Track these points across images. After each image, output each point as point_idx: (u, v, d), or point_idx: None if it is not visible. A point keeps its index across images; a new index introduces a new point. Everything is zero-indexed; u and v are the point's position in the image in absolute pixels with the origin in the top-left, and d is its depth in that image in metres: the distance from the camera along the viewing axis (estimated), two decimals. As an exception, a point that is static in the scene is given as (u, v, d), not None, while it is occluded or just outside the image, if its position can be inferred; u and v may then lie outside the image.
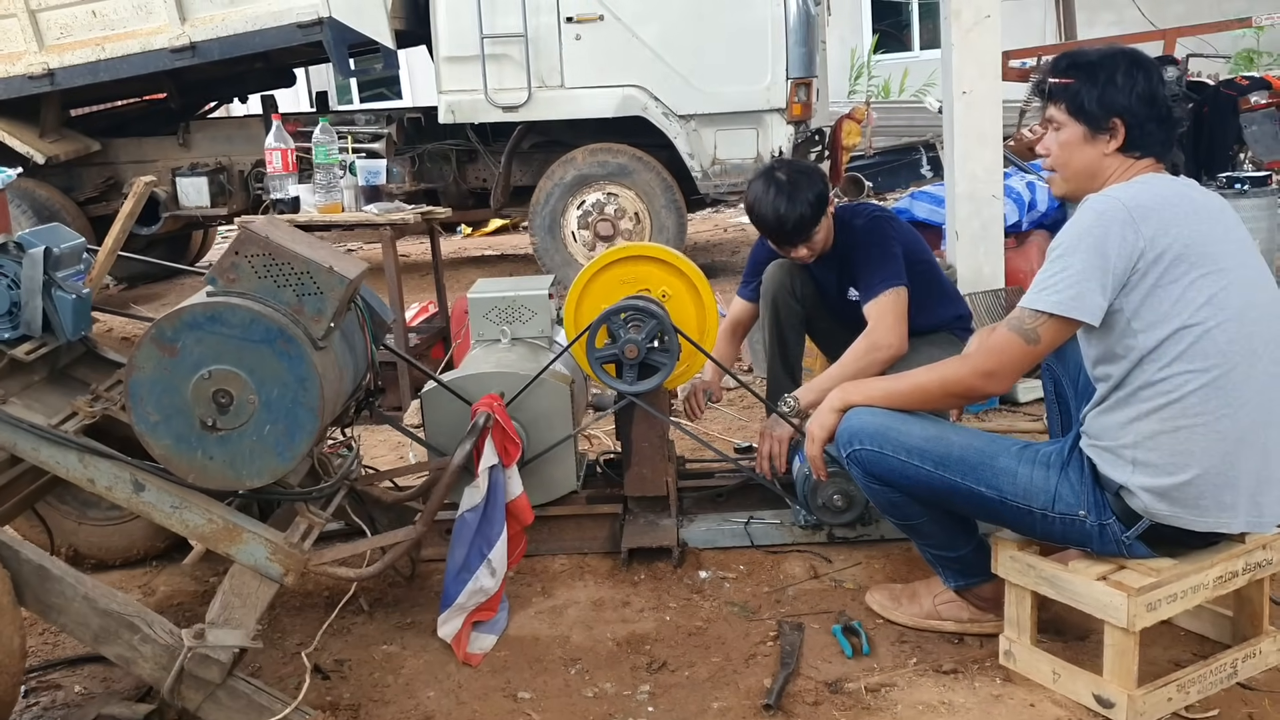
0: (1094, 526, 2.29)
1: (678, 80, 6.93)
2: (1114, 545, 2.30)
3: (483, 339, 3.39)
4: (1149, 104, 2.22)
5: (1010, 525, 2.44)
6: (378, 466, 3.99)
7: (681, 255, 3.22)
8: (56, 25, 7.24)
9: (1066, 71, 2.29)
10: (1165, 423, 2.17)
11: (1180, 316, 2.13)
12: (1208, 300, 2.14)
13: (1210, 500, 2.19)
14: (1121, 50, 2.31)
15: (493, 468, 2.67)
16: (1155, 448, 2.18)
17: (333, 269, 2.37)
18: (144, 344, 2.29)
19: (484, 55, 6.96)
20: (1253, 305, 2.18)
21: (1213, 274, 2.15)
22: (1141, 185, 2.21)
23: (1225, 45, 11.49)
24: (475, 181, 7.88)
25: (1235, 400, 2.16)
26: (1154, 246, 2.12)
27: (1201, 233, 2.17)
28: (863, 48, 14.96)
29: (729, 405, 4.67)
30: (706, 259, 8.58)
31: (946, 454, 2.39)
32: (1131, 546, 2.29)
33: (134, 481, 2.40)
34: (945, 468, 2.39)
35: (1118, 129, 2.24)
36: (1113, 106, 2.23)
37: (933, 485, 2.41)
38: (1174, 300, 2.13)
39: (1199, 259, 2.14)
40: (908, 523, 2.56)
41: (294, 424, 2.34)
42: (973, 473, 2.37)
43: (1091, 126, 2.26)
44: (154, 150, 7.98)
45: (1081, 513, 2.29)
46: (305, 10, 6.90)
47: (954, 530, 2.55)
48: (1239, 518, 2.22)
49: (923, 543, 2.62)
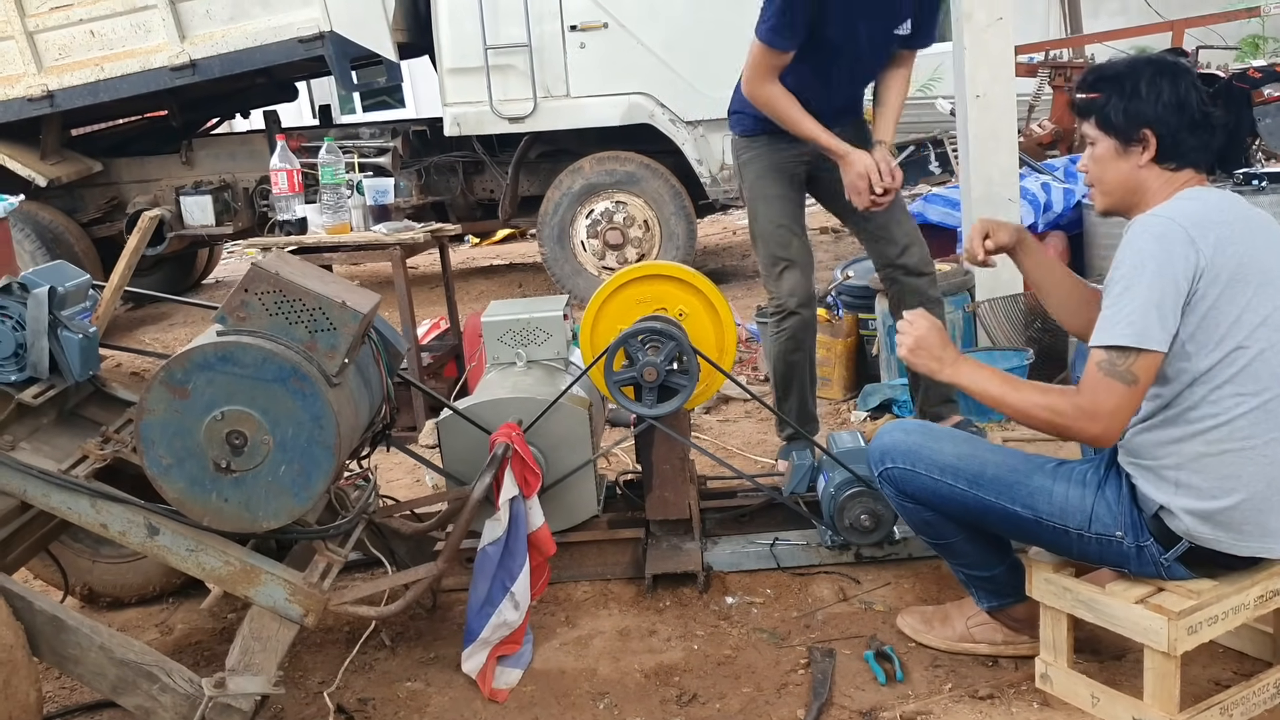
0: (1131, 548, 2.23)
1: (684, 86, 6.88)
2: (1152, 567, 2.23)
3: (498, 362, 3.34)
4: (1178, 112, 2.14)
5: (1046, 545, 2.38)
6: (395, 490, 3.96)
7: (697, 273, 3.17)
8: (55, 46, 7.19)
9: (1094, 86, 2.23)
10: (1212, 445, 2.10)
11: (1235, 338, 2.07)
12: (1263, 321, 2.07)
13: (1254, 525, 2.13)
14: (1148, 59, 2.24)
15: (513, 499, 2.61)
16: (1200, 470, 2.12)
17: (345, 304, 2.31)
18: (154, 386, 2.24)
19: (488, 66, 6.91)
20: None
21: (1267, 291, 2.08)
22: (1193, 200, 2.13)
23: (1230, 32, 11.39)
24: (483, 192, 7.83)
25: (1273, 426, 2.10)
26: (1214, 265, 2.05)
27: (1257, 247, 2.10)
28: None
29: (746, 418, 4.61)
30: (717, 263, 8.53)
31: (980, 472, 2.35)
32: (1170, 568, 2.22)
33: (148, 525, 2.35)
34: (979, 486, 2.34)
35: (1149, 140, 2.16)
36: (1140, 117, 2.16)
37: (966, 504, 2.37)
38: (1231, 321, 2.06)
39: (1255, 275, 2.07)
40: (941, 542, 2.51)
41: (310, 463, 2.29)
42: (1007, 491, 2.32)
43: (1122, 140, 2.19)
44: (157, 169, 7.93)
45: (1118, 533, 2.23)
46: (306, 25, 6.85)
47: (987, 550, 2.50)
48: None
49: (956, 562, 2.57)
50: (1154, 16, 10.53)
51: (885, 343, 4.60)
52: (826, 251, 8.66)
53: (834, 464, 3.07)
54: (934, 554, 3.01)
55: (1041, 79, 8.57)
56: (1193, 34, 8.84)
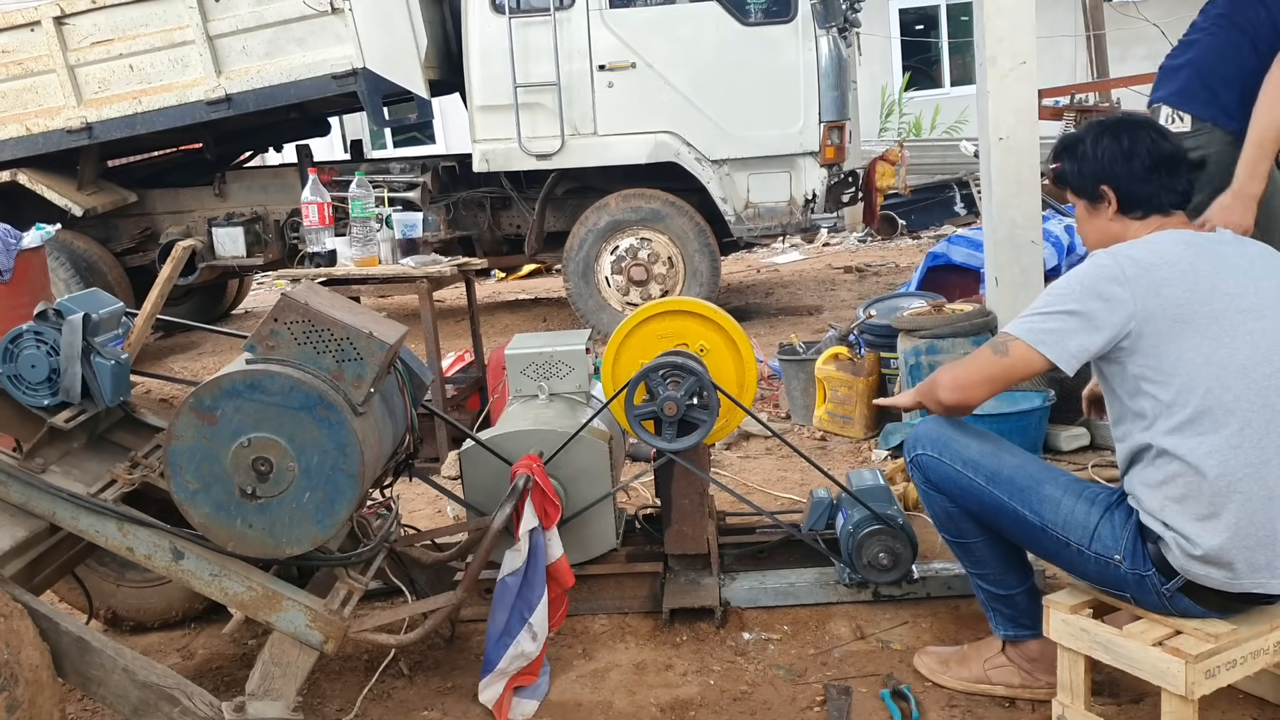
0: (1130, 574, 2.25)
1: (710, 125, 6.95)
2: (1154, 596, 2.24)
3: (520, 394, 3.37)
4: (1126, 163, 2.28)
5: (1048, 555, 2.41)
6: (416, 519, 3.99)
7: (719, 310, 3.20)
8: (95, 80, 7.35)
9: (1057, 156, 2.43)
10: (1187, 488, 2.14)
11: (1179, 378, 2.12)
12: (1206, 360, 2.12)
13: (1244, 562, 2.13)
14: (1099, 122, 2.41)
15: (533, 530, 2.64)
16: (1181, 513, 2.15)
17: (372, 335, 2.36)
18: (183, 412, 2.28)
19: (517, 104, 7.01)
20: (1266, 360, 2.13)
21: (1214, 333, 2.12)
22: (1144, 243, 2.23)
23: None
24: (509, 228, 7.92)
25: (1257, 459, 2.11)
26: (1145, 307, 2.13)
27: (1202, 291, 2.14)
28: (893, 85, 14.98)
29: (767, 455, 4.62)
30: (740, 301, 8.56)
31: (998, 471, 2.40)
32: (1174, 599, 2.22)
33: (173, 549, 2.39)
34: (995, 484, 2.40)
35: (1109, 195, 2.31)
36: (1094, 176, 2.32)
37: (982, 500, 2.42)
38: (1174, 361, 2.13)
39: (1195, 318, 2.13)
40: (962, 541, 2.53)
41: (334, 491, 2.32)
42: (1019, 494, 2.37)
43: (1088, 199, 2.36)
44: (190, 200, 8.06)
45: (1117, 557, 2.25)
46: (340, 61, 6.98)
47: (1007, 562, 2.52)
48: (1277, 578, 2.15)
49: (976, 573, 2.57)
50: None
51: (906, 382, 4.60)
52: (850, 290, 8.70)
53: (853, 501, 3.08)
54: (952, 594, 3.03)
55: (1067, 122, 8.61)
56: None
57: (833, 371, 4.83)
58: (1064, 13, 13.29)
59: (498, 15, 6.97)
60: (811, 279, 9.59)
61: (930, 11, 15.43)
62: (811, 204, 7.05)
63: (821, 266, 10.23)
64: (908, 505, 3.66)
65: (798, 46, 6.80)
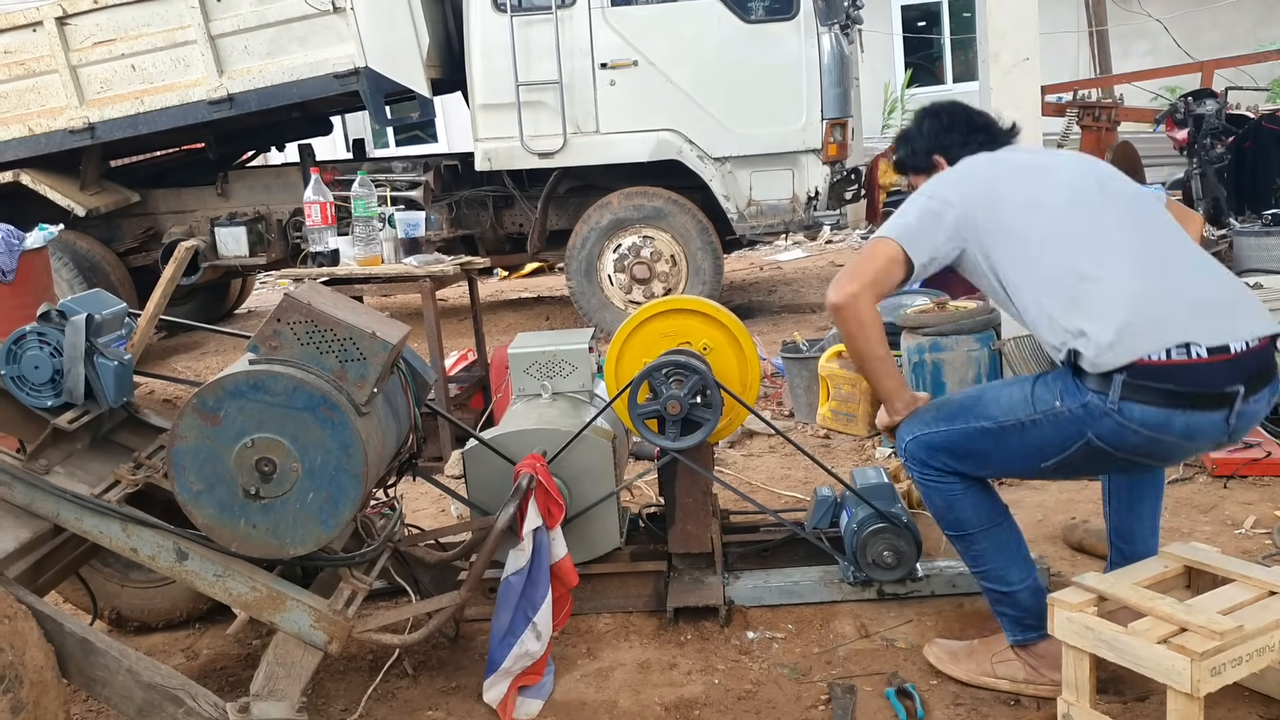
0: (1077, 410, 2.32)
1: (712, 123, 6.94)
2: (1110, 421, 2.29)
3: (523, 394, 3.37)
4: (947, 133, 2.70)
5: (1016, 455, 2.47)
6: (420, 519, 3.99)
7: (722, 308, 3.19)
8: (97, 80, 7.34)
9: (897, 150, 2.84)
10: (1067, 302, 2.34)
11: (1017, 224, 2.43)
12: (1025, 203, 2.44)
13: (1151, 332, 2.26)
14: (919, 110, 2.85)
15: (537, 530, 2.63)
16: (1075, 324, 2.31)
17: (375, 334, 2.35)
18: (186, 413, 2.28)
19: (519, 102, 7.00)
20: (1082, 187, 2.45)
21: (1034, 197, 2.46)
22: (970, 160, 2.62)
23: (1262, 74, 11.38)
24: (512, 226, 7.91)
25: (1105, 249, 2.35)
26: (972, 201, 2.47)
27: (1003, 177, 2.52)
28: (895, 82, 14.96)
29: (770, 453, 4.62)
30: (743, 298, 8.55)
31: (951, 409, 2.56)
32: (1123, 411, 2.27)
33: (177, 550, 2.39)
34: (953, 420, 2.52)
35: (940, 162, 2.70)
36: (925, 151, 2.73)
37: (955, 444, 2.50)
38: (1008, 223, 2.44)
39: (1008, 192, 2.48)
40: (961, 534, 2.56)
41: (338, 491, 2.32)
42: (971, 413, 2.50)
43: (925, 171, 2.74)
44: (193, 200, 8.05)
45: (1057, 404, 2.35)
46: (342, 61, 6.97)
47: (1006, 554, 2.55)
48: (1194, 336, 2.24)
49: (979, 571, 2.59)
50: (1184, 57, 10.55)
51: (911, 378, 4.59)
52: (853, 288, 8.67)
53: (857, 499, 3.08)
54: (956, 592, 3.03)
55: (1070, 118, 8.59)
56: (1223, 74, 8.84)
57: (836, 369, 4.78)
58: (1066, 9, 13.26)
59: (499, 13, 6.96)
60: (815, 276, 9.58)
61: (932, 8, 15.40)
62: (814, 201, 7.04)
63: (825, 264, 10.21)
64: (912, 503, 3.65)
65: (800, 44, 6.78)
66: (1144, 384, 2.25)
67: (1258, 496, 3.60)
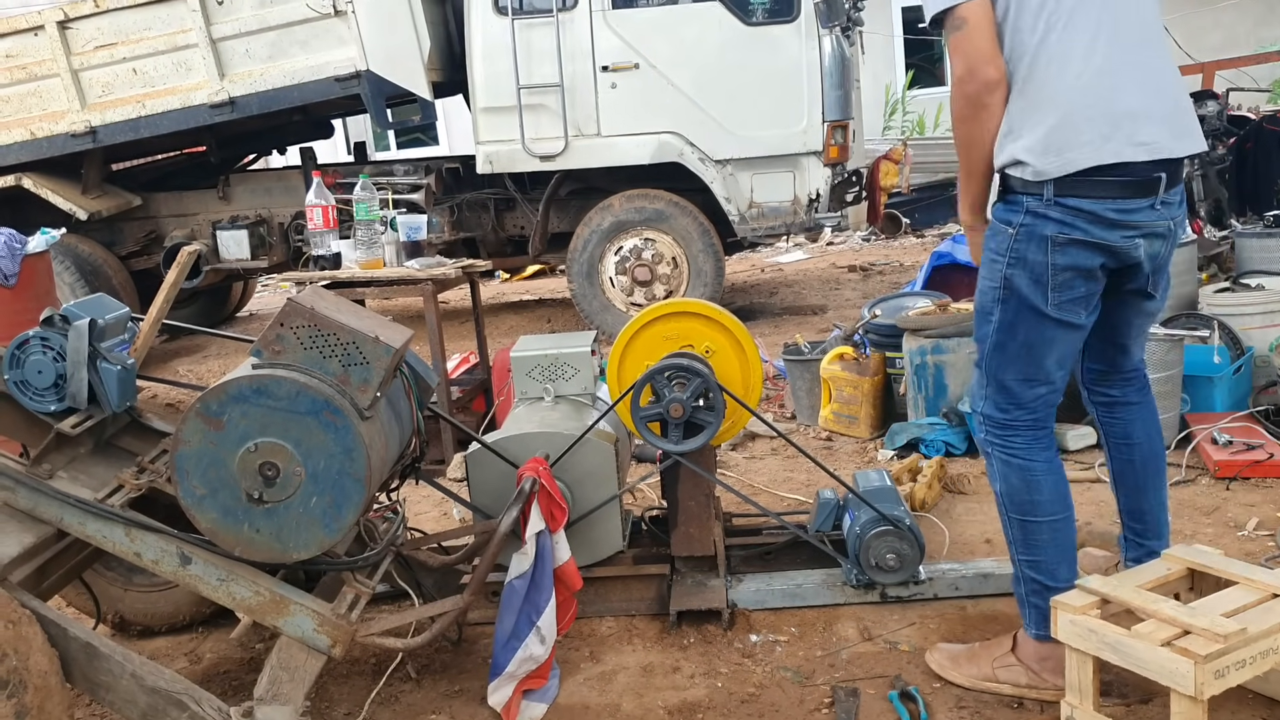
0: (1026, 220, 2.34)
1: (713, 126, 6.94)
2: (1055, 211, 2.32)
3: (526, 397, 3.37)
4: None
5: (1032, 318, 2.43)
6: (422, 522, 3.99)
7: (724, 311, 3.19)
8: (99, 84, 7.35)
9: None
10: (1018, 94, 2.32)
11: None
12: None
13: (1089, 133, 2.28)
14: None
15: (540, 533, 2.64)
16: (1017, 114, 2.32)
17: (378, 339, 2.36)
18: (190, 418, 2.29)
19: (521, 105, 7.00)
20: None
21: None
22: None
23: (1263, 75, 11.37)
24: (513, 229, 7.91)
25: (1069, 51, 2.29)
26: None
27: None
28: (896, 83, 14.96)
29: (772, 455, 4.62)
30: (745, 300, 8.56)
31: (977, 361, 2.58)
32: (1059, 201, 2.31)
33: (180, 554, 2.39)
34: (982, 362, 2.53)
35: None
36: None
37: (998, 375, 2.50)
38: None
39: None
40: (1027, 519, 2.52)
41: (341, 495, 2.32)
42: (983, 339, 2.51)
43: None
44: (194, 204, 8.06)
45: (1010, 229, 2.37)
46: (343, 64, 6.97)
47: (1062, 552, 2.53)
48: (1127, 146, 2.28)
49: (1028, 560, 2.54)
50: (1185, 59, 10.52)
51: (912, 381, 4.60)
52: (854, 290, 8.69)
53: (859, 502, 3.08)
54: (959, 595, 3.03)
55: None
56: (1224, 75, 8.84)
57: (838, 371, 4.83)
58: (1067, 10, 13.24)
59: (501, 16, 6.96)
60: (816, 278, 9.58)
61: (934, 9, 15.42)
62: (815, 203, 7.05)
63: (826, 265, 10.22)
64: (914, 506, 3.65)
65: (801, 46, 6.78)
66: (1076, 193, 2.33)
67: (1260, 498, 3.60)
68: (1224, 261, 5.64)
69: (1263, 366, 4.39)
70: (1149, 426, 2.74)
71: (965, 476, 4.00)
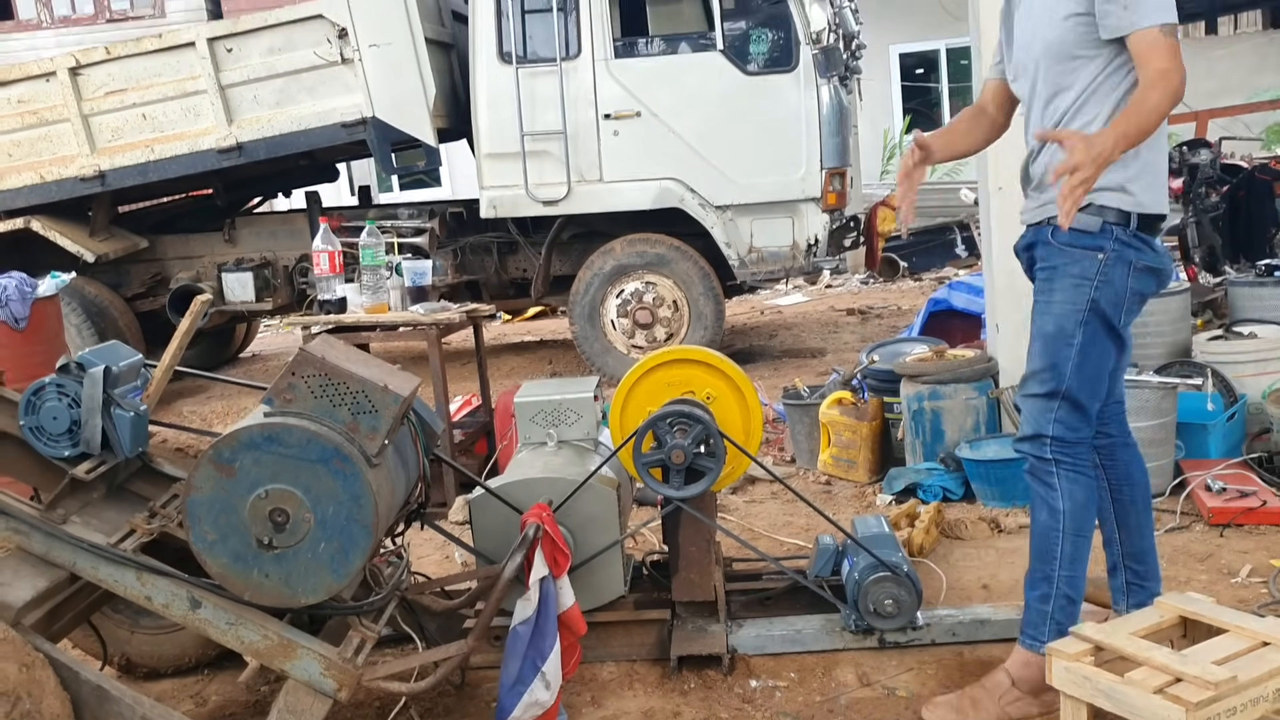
0: (1114, 248, 2.54)
1: (713, 172, 7.04)
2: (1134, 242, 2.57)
3: (529, 442, 3.42)
4: None
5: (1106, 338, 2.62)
6: (424, 566, 4.02)
7: (725, 358, 3.25)
8: (108, 129, 7.44)
9: None
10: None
11: None
12: None
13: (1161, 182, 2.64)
14: None
15: (544, 579, 2.67)
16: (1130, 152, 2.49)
17: (387, 387, 2.41)
18: (203, 465, 2.34)
19: (524, 152, 7.10)
20: None
21: None
22: None
23: (1256, 121, 11.51)
24: (516, 272, 7.99)
25: None
26: None
27: None
28: (894, 128, 15.11)
29: (772, 499, 4.66)
30: (745, 343, 8.62)
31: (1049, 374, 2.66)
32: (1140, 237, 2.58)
33: (191, 598, 2.43)
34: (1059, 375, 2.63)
35: None
36: None
37: (1077, 391, 2.61)
38: None
39: None
40: (1084, 535, 2.66)
41: (349, 541, 2.37)
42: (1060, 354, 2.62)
43: None
44: (200, 246, 8.13)
45: (1100, 255, 2.55)
46: (350, 110, 7.08)
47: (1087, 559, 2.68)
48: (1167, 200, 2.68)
49: (1073, 573, 2.66)
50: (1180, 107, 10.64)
51: (910, 426, 4.65)
52: (853, 333, 8.75)
53: (858, 548, 3.13)
54: (956, 641, 3.06)
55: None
56: (1217, 123, 8.96)
57: (837, 416, 4.88)
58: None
59: (505, 65, 7.08)
60: (815, 321, 9.65)
61: (930, 56, 15.59)
62: (814, 248, 7.13)
63: (824, 308, 10.29)
64: (912, 551, 3.69)
65: (799, 95, 6.90)
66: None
67: (1254, 545, 3.64)
68: (1219, 308, 5.70)
69: (1256, 414, 4.44)
70: (1143, 465, 2.89)
71: (962, 522, 4.04)
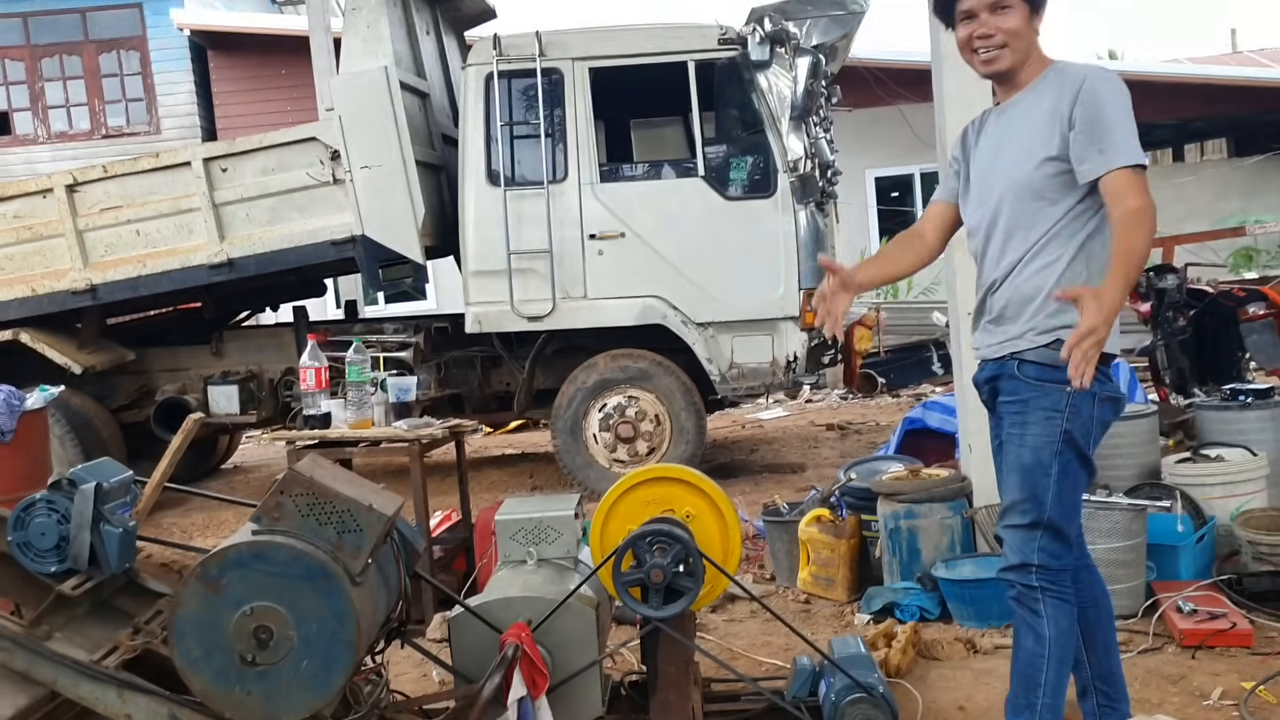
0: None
1: (695, 291, 7.22)
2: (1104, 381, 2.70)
3: (509, 559, 3.46)
4: None
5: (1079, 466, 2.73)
6: (401, 683, 4.00)
7: (705, 477, 3.32)
8: (102, 244, 7.56)
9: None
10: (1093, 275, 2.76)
11: None
12: None
13: None
14: None
15: (522, 700, 2.70)
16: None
17: (372, 507, 2.48)
18: (190, 582, 2.38)
19: (510, 269, 7.27)
20: None
21: None
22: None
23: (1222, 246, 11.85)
24: (499, 386, 8.09)
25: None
26: None
27: None
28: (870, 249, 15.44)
29: (752, 618, 4.68)
30: (726, 457, 8.69)
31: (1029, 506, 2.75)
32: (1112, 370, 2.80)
33: (172, 716, 2.45)
34: (1040, 505, 2.72)
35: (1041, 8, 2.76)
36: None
37: (1059, 520, 2.71)
38: None
39: None
40: (1068, 661, 2.77)
41: (331, 659, 2.40)
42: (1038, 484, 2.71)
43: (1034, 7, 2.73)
44: (188, 359, 8.19)
45: (1068, 388, 2.58)
46: (340, 229, 7.25)
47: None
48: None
49: (1056, 701, 2.74)
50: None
51: (887, 545, 4.71)
52: (832, 448, 8.84)
53: (835, 669, 3.16)
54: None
55: None
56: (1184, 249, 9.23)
57: (815, 534, 4.93)
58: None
59: (493, 187, 7.28)
60: (795, 435, 9.75)
61: (904, 179, 16.03)
62: (793, 365, 7.27)
63: (805, 423, 10.40)
64: (889, 672, 3.72)
65: (777, 220, 7.12)
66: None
67: (1225, 667, 3.68)
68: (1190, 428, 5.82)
69: (1225, 535, 4.52)
70: (1104, 586, 2.98)
71: (939, 642, 4.06)
